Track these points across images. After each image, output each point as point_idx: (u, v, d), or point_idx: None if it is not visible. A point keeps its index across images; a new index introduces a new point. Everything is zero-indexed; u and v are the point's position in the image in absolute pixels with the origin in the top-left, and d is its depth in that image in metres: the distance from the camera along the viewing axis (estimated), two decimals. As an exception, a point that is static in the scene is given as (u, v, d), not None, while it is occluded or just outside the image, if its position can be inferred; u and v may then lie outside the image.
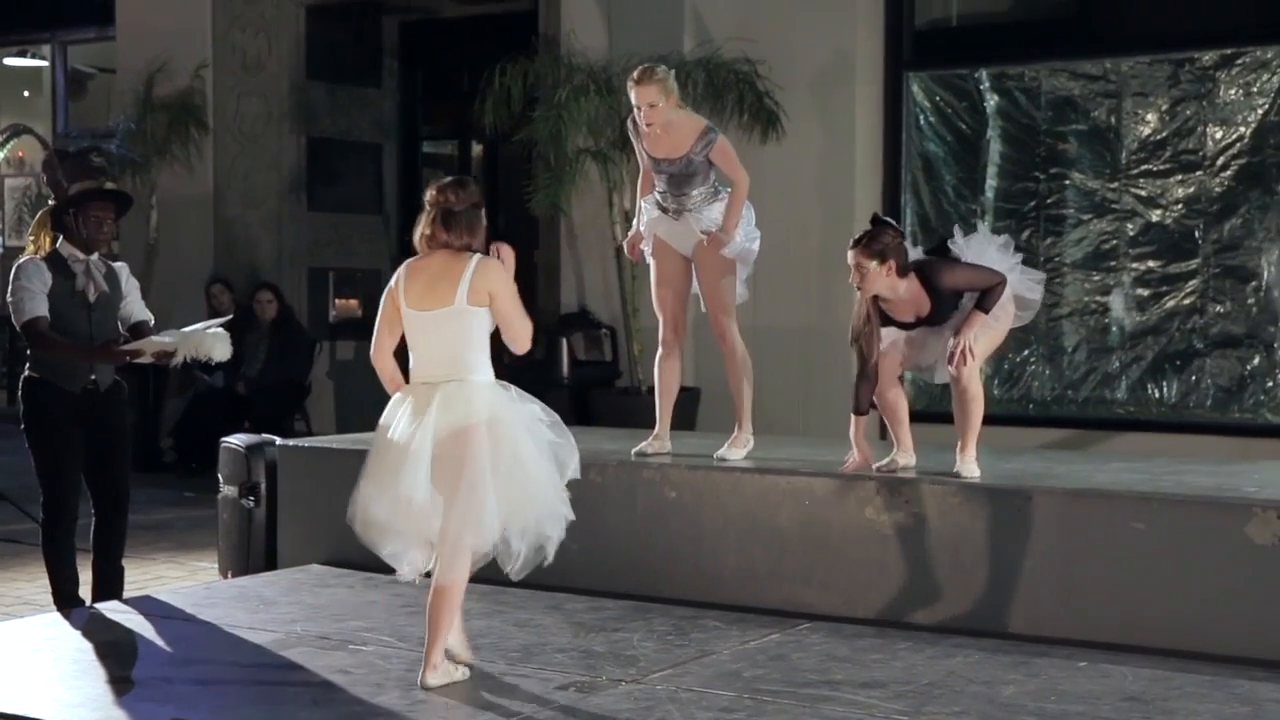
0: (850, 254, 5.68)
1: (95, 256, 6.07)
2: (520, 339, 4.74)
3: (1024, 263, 6.02)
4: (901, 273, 5.65)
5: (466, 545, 4.67)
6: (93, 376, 6.01)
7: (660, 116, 6.16)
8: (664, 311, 6.44)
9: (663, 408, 6.49)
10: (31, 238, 6.06)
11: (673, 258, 6.39)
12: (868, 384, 5.82)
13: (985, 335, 5.78)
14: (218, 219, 13.00)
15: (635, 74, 6.22)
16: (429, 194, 4.79)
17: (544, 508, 4.70)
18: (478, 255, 4.71)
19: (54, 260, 5.95)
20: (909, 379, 6.49)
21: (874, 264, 5.62)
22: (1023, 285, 5.92)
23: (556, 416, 4.80)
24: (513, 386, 4.75)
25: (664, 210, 6.34)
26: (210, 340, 5.95)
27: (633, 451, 6.40)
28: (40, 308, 5.85)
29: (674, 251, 6.37)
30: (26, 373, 6.02)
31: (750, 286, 6.50)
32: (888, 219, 5.81)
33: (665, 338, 6.45)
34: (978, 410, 5.88)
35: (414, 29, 13.36)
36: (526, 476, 4.66)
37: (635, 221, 6.57)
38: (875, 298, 5.73)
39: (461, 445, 4.59)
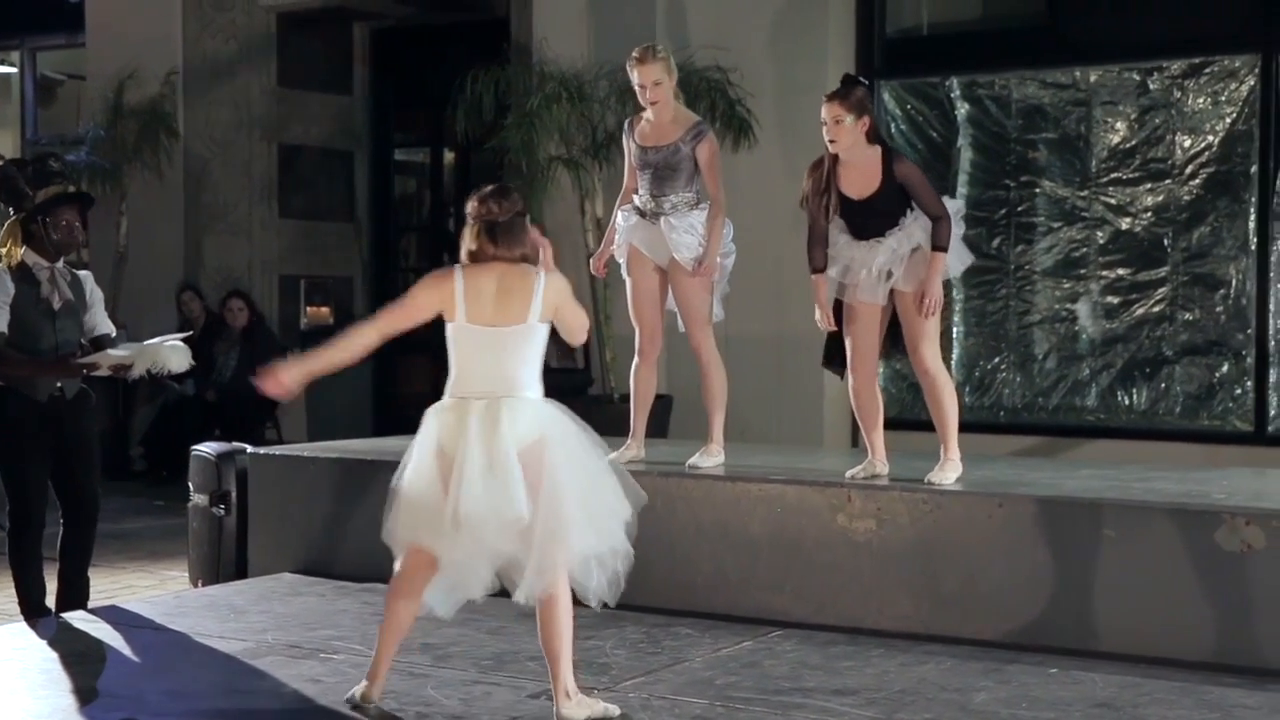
0: (826, 106, 5.78)
1: (60, 264, 6.05)
2: (578, 335, 4.68)
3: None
4: (870, 136, 5.78)
5: (559, 560, 4.42)
6: (59, 385, 5.99)
7: (663, 95, 6.19)
8: (640, 322, 6.44)
9: (637, 416, 6.50)
10: (2, 250, 6.03)
11: (648, 269, 6.38)
12: (819, 246, 5.96)
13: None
14: (188, 226, 12.95)
15: (637, 54, 6.23)
16: (470, 206, 4.54)
17: (608, 532, 4.50)
18: (541, 270, 4.54)
19: (19, 269, 5.93)
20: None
21: (850, 118, 5.73)
22: (952, 254, 5.90)
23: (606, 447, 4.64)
24: (565, 408, 4.57)
25: (642, 215, 6.34)
26: (166, 352, 5.95)
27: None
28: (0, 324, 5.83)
29: (650, 262, 6.37)
30: None
31: (724, 301, 6.50)
32: (859, 77, 5.91)
33: (641, 347, 6.46)
34: (950, 399, 5.92)
35: (385, 36, 13.33)
36: (595, 498, 4.47)
37: (605, 236, 6.57)
38: (835, 163, 5.81)
39: (537, 459, 4.38)
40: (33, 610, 6.06)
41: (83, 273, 6.21)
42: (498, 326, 4.46)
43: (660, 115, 6.25)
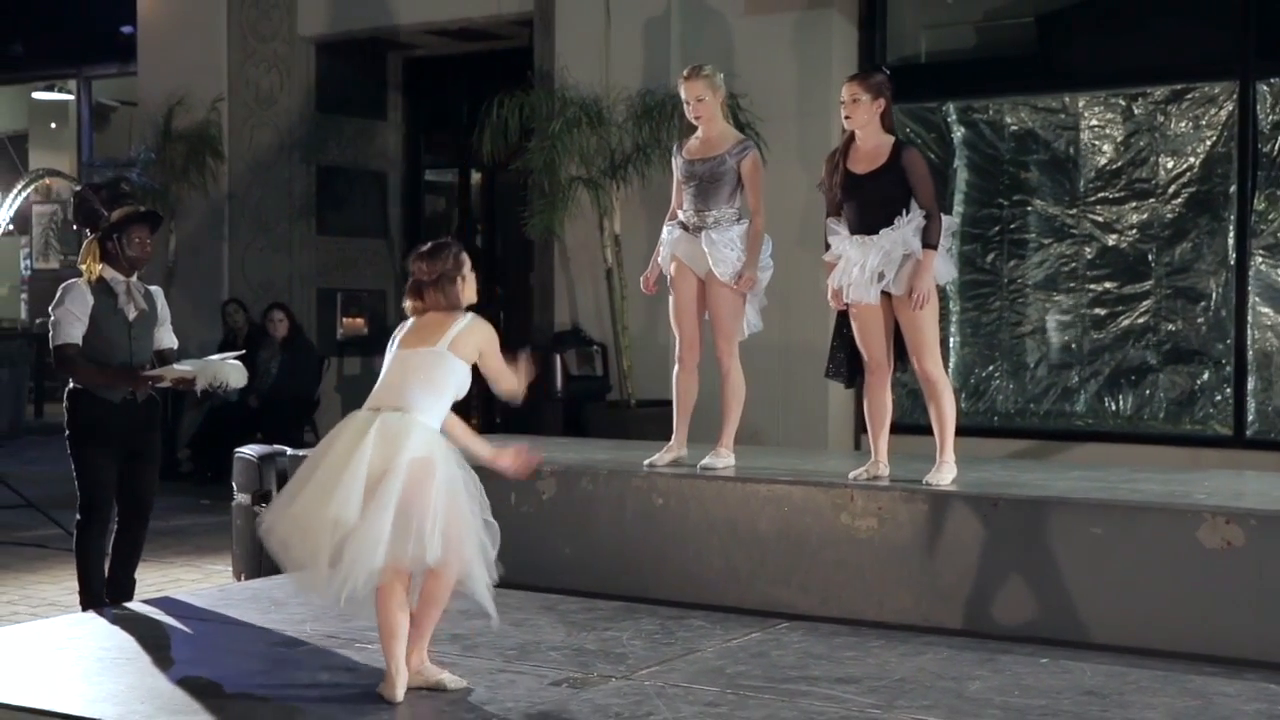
0: (846, 86, 5.88)
1: (134, 278, 6.12)
2: (503, 383, 4.65)
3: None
4: (885, 119, 5.86)
5: (464, 554, 4.46)
6: (131, 390, 6.04)
7: (707, 110, 6.23)
8: (680, 331, 6.42)
9: (679, 420, 6.47)
10: (83, 265, 6.08)
11: (690, 280, 6.37)
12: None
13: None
14: (232, 242, 13.00)
15: (685, 71, 6.32)
16: (410, 262, 4.65)
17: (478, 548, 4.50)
18: (471, 315, 4.58)
19: (98, 284, 6.00)
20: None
21: (867, 97, 5.82)
22: (939, 261, 5.89)
23: (487, 503, 4.57)
24: (457, 452, 4.55)
25: (685, 229, 6.34)
26: (227, 369, 6.04)
27: (645, 463, 6.36)
28: (75, 334, 5.90)
29: (691, 273, 6.36)
30: (71, 384, 6.05)
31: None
32: (881, 66, 5.95)
33: (681, 356, 6.43)
34: (949, 404, 5.90)
35: (417, 65, 13.37)
36: (462, 511, 4.44)
37: (653, 254, 6.55)
38: (849, 145, 5.90)
39: (425, 473, 4.38)
40: (92, 600, 6.08)
41: (154, 288, 6.28)
42: (411, 348, 4.55)
43: (707, 130, 6.28)
